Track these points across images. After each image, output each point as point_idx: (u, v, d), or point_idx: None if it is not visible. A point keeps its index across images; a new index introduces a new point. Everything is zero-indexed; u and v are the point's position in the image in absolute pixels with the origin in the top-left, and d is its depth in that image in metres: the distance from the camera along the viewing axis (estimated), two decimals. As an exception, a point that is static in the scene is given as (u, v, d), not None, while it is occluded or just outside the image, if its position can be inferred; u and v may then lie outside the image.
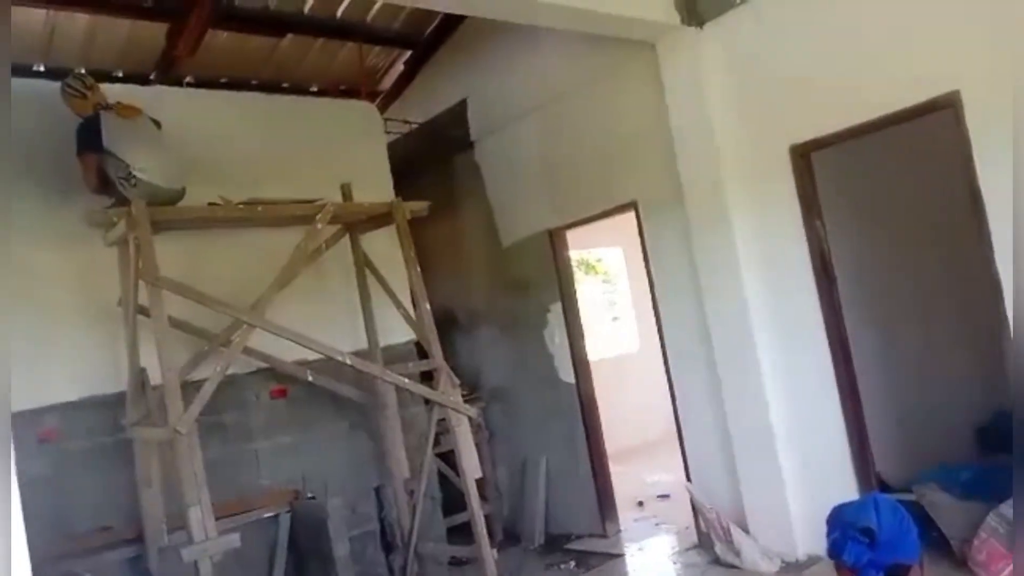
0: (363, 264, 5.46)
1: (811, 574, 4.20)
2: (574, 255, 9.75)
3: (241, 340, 4.50)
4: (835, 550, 1.93)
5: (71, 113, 4.43)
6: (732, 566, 4.71)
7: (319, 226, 4.78)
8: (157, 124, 4.60)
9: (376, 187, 5.74)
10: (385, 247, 5.39)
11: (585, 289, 10.09)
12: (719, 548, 4.81)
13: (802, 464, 4.63)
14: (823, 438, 4.64)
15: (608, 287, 10.42)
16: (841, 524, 1.95)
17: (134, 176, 4.21)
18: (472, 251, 6.74)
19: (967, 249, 4.11)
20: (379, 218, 5.26)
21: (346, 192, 5.22)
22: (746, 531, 4.77)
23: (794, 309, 4.74)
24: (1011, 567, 3.88)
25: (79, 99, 4.40)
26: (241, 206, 4.69)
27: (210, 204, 4.68)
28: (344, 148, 5.81)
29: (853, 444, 4.60)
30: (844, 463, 4.57)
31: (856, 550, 1.89)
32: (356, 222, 5.37)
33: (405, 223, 5.13)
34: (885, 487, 4.73)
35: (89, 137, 4.29)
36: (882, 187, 5.44)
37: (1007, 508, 3.95)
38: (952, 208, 4.23)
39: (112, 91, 4.67)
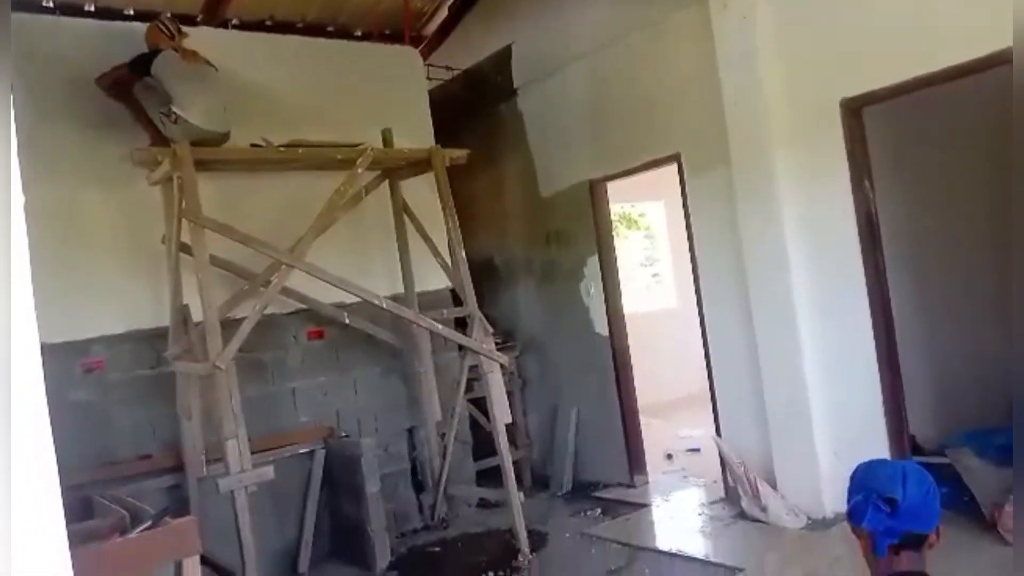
0: (401, 211, 5.51)
1: (837, 532, 4.18)
2: (616, 208, 9.71)
3: (280, 281, 4.60)
4: (856, 514, 1.90)
5: (119, 53, 4.51)
6: (757, 520, 4.72)
7: (359, 171, 4.82)
8: (213, 67, 4.65)
9: (417, 134, 5.76)
10: (424, 194, 5.42)
11: (626, 243, 10.03)
12: (745, 502, 4.82)
13: (834, 424, 4.59)
14: (858, 399, 4.58)
15: (649, 242, 10.31)
16: (866, 489, 1.90)
17: (174, 112, 4.28)
18: (512, 201, 6.72)
19: (1018, 214, 3.96)
20: (418, 165, 5.28)
21: (386, 137, 5.24)
22: (774, 487, 4.76)
23: (837, 271, 4.64)
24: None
25: (165, 38, 4.52)
26: (282, 148, 4.74)
27: (252, 146, 4.74)
28: (386, 93, 5.81)
29: (888, 407, 4.54)
30: (878, 425, 4.52)
31: (876, 517, 1.85)
32: (395, 168, 5.40)
33: (444, 170, 5.14)
34: (918, 449, 4.69)
35: (142, 62, 4.39)
36: (936, 149, 5.25)
37: (1042, 475, 3.88)
38: (1007, 174, 4.06)
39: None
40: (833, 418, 4.61)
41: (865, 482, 1.92)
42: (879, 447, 4.45)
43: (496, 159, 6.70)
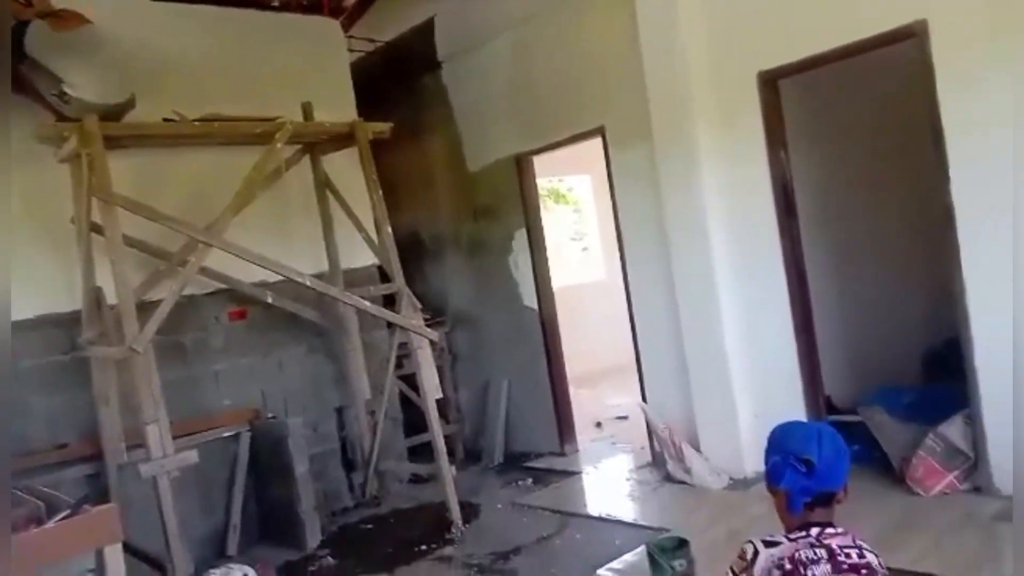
0: (324, 186, 5.41)
1: (756, 491, 4.34)
2: (544, 183, 9.76)
3: (198, 260, 4.47)
4: (774, 475, 1.98)
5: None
6: (682, 483, 4.86)
7: (278, 145, 4.71)
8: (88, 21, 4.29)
9: (338, 107, 5.64)
10: (347, 169, 5.33)
11: (555, 218, 10.10)
12: (671, 466, 4.96)
13: (754, 387, 4.74)
14: (775, 363, 4.75)
15: (577, 216, 10.41)
16: (783, 451, 1.99)
17: (66, 93, 4.06)
18: (438, 175, 6.68)
19: (925, 180, 4.15)
20: (340, 139, 5.19)
21: (307, 111, 5.13)
22: (697, 450, 4.91)
23: (755, 240, 4.78)
24: (944, 483, 4.06)
25: (20, 5, 4.18)
26: (197, 123, 4.59)
27: (165, 120, 4.57)
28: (306, 66, 5.67)
29: (804, 369, 4.72)
30: (795, 387, 4.69)
31: (793, 477, 1.94)
32: (317, 142, 5.30)
33: (367, 144, 5.06)
34: (833, 408, 4.89)
35: (14, 41, 4.05)
36: (846, 119, 5.43)
37: (944, 428, 4.10)
38: (913, 140, 4.24)
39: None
40: (752, 382, 4.76)
41: (782, 444, 2.01)
42: (796, 408, 4.63)
43: (421, 133, 6.63)
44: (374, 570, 4.37)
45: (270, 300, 5.11)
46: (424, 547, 4.55)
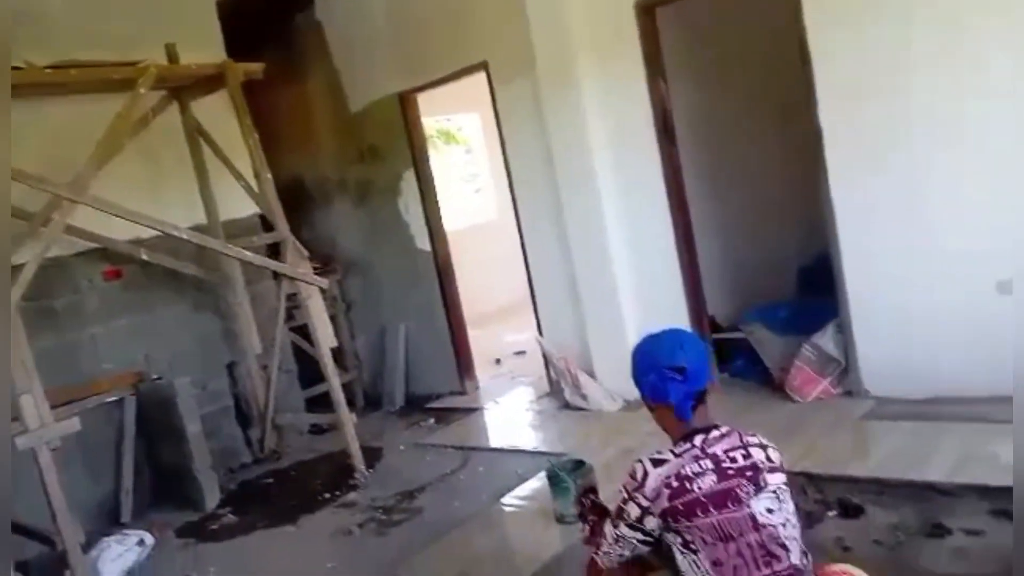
0: (195, 133, 5.14)
1: (647, 411, 4.51)
2: (432, 123, 9.60)
3: (62, 219, 4.19)
4: (658, 393, 2.02)
5: None
6: (580, 409, 5.02)
7: (142, 91, 4.42)
8: None
9: (205, 48, 5.30)
10: (220, 115, 5.07)
11: (446, 159, 9.98)
12: (568, 394, 5.09)
13: (642, 312, 4.88)
14: (661, 287, 4.90)
15: (469, 157, 10.31)
16: (655, 367, 2.02)
17: None
18: (319, 118, 6.44)
19: (797, 104, 4.28)
20: (210, 82, 4.91)
21: (171, 53, 4.82)
22: (592, 376, 5.05)
23: (637, 166, 4.86)
24: (820, 389, 4.34)
25: None
26: (50, 71, 4.25)
27: (14, 69, 4.19)
28: (168, 5, 5.30)
29: (688, 291, 4.89)
30: (680, 309, 4.86)
31: (675, 388, 1.99)
32: (184, 87, 5.00)
33: (239, 87, 4.82)
34: (716, 327, 5.11)
35: None
36: (722, 47, 5.54)
37: (818, 338, 4.36)
38: (785, 66, 4.36)
39: None
40: (640, 307, 4.90)
41: (653, 361, 2.04)
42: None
43: (298, 73, 6.36)
44: (277, 523, 4.32)
45: (145, 257, 4.86)
46: (328, 495, 4.54)
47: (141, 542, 4.14)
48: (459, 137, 10.29)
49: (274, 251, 5.13)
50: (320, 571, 3.65)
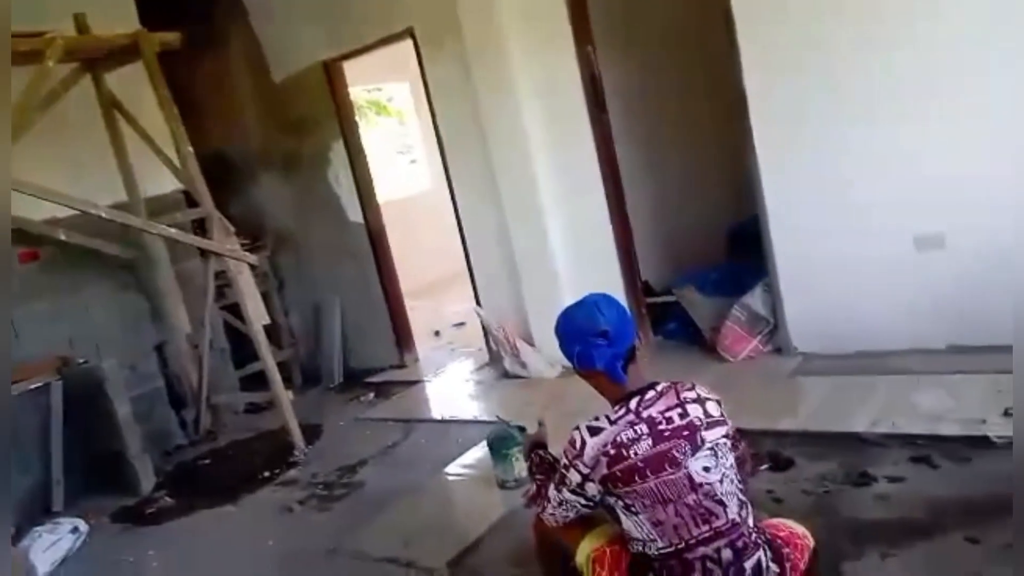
0: (111, 107, 4.93)
1: (588, 376, 4.58)
2: (362, 94, 9.41)
3: (-32, 199, 3.97)
4: (587, 360, 2.03)
5: None
6: (520, 377, 5.06)
7: (50, 63, 4.21)
8: None
9: (118, 18, 5.05)
10: (137, 87, 4.86)
11: (380, 131, 9.82)
12: (508, 362, 5.12)
13: (578, 279, 4.91)
14: (596, 254, 4.95)
15: (403, 129, 10.16)
16: (579, 337, 2.03)
17: None
18: (241, 89, 6.23)
19: (723, 68, 4.33)
20: (124, 53, 4.71)
21: (80, 23, 4.58)
22: (531, 344, 5.09)
23: (570, 136, 4.87)
24: (750, 348, 4.47)
25: None
26: (-53, 43, 3.99)
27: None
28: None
29: (621, 257, 4.97)
30: (614, 275, 4.93)
31: (602, 354, 2.00)
32: (97, 58, 4.78)
33: (155, 58, 4.63)
34: (650, 292, 5.20)
35: None
36: (650, 13, 5.55)
37: (747, 298, 4.48)
38: (712, 30, 4.41)
39: None
40: (576, 274, 4.94)
41: (575, 331, 2.06)
42: (618, 294, 4.86)
43: (218, 43, 6.13)
44: (217, 503, 4.25)
45: (63, 237, 4.66)
46: (267, 474, 4.48)
47: (75, 529, 4.03)
48: (390, 108, 10.13)
49: (200, 228, 4.98)
50: (262, 549, 3.61)
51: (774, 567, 2.01)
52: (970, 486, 2.79)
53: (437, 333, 6.77)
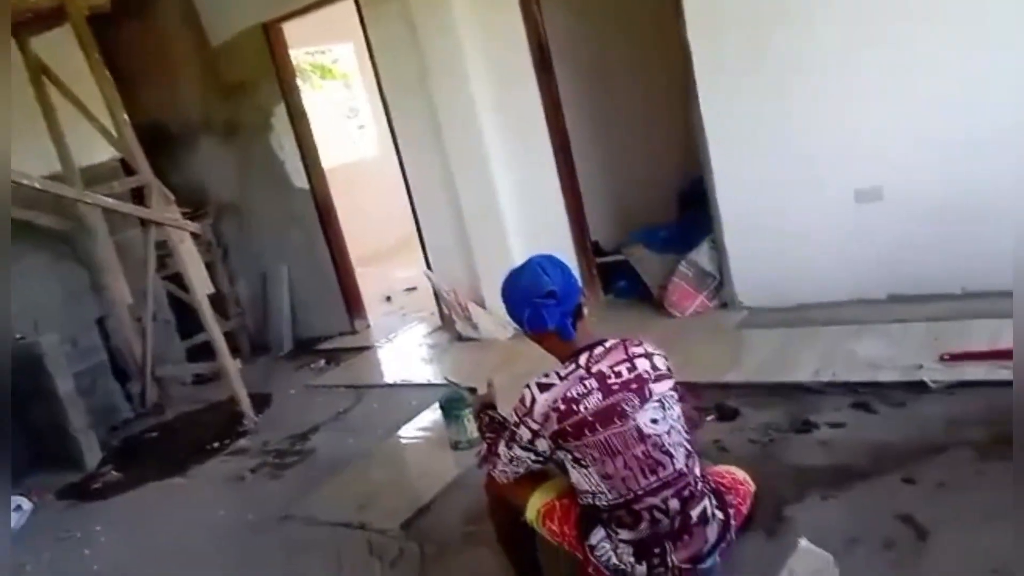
0: (39, 73, 4.72)
1: (539, 337, 4.61)
2: (305, 57, 9.18)
3: None
4: (537, 322, 2.04)
5: None
6: (472, 339, 5.06)
7: (-32, 27, 4.00)
8: None
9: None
10: (68, 52, 4.65)
11: (326, 95, 9.60)
12: (459, 325, 5.12)
13: (528, 241, 4.91)
14: (546, 216, 4.94)
15: (350, 92, 9.95)
16: (527, 300, 2.04)
17: None
18: (178, 53, 6.00)
19: (670, 27, 4.32)
20: (50, 16, 4.51)
21: (-1, -16, 4.37)
22: (483, 307, 5.09)
23: (517, 97, 4.83)
24: (697, 303, 4.53)
25: None
26: None
27: None
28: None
29: (571, 218, 4.97)
30: (564, 235, 4.93)
31: (552, 313, 2.01)
32: (21, 22, 4.55)
33: (83, 20, 4.45)
34: (600, 252, 5.22)
35: None
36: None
37: (694, 255, 4.54)
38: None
39: None
40: (526, 235, 4.93)
41: (522, 295, 2.07)
42: (568, 255, 4.88)
43: (151, 6, 5.89)
44: (166, 475, 4.19)
45: (-7, 209, 4.47)
46: (217, 444, 4.43)
47: (18, 508, 3.94)
48: (335, 71, 9.90)
49: (139, 197, 4.84)
50: (213, 519, 3.57)
51: (719, 514, 2.06)
52: (907, 429, 2.88)
53: (388, 299, 6.72)
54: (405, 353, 5.35)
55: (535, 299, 2.02)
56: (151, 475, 4.24)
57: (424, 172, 5.27)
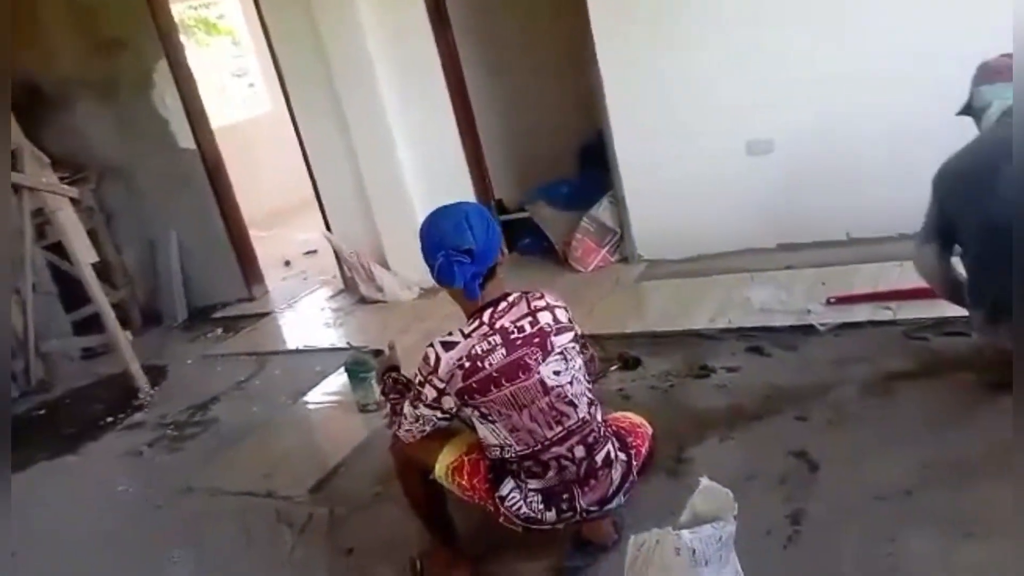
0: None
1: (444, 296, 4.54)
2: (189, 11, 8.71)
3: None
4: (445, 275, 2.00)
5: None
6: (377, 301, 4.98)
7: None
8: None
9: None
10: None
11: (213, 53, 9.13)
12: (363, 288, 5.03)
13: (430, 199, 4.81)
14: (447, 173, 4.89)
15: (238, 49, 9.49)
16: (442, 248, 1.99)
17: None
18: (46, 8, 5.56)
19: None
20: None
21: None
22: (387, 268, 5.02)
23: (413, 52, 4.72)
24: (599, 258, 4.60)
25: None
26: None
27: None
28: None
29: (474, 176, 4.94)
30: (467, 194, 4.89)
31: (461, 271, 1.98)
32: None
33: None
34: (504, 210, 5.22)
35: None
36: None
37: (595, 211, 4.61)
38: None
39: None
40: (428, 194, 4.84)
41: (440, 241, 2.01)
42: (471, 214, 4.85)
43: (10, -47, 5.43)
44: (55, 454, 3.97)
45: None
46: (111, 419, 4.23)
47: None
48: (220, 26, 9.41)
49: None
50: (111, 495, 3.42)
51: (621, 455, 2.13)
52: (798, 371, 3.03)
53: (287, 263, 6.52)
54: (307, 318, 5.23)
55: (450, 251, 1.98)
56: (40, 455, 3.99)
57: (319, 131, 5.11)
